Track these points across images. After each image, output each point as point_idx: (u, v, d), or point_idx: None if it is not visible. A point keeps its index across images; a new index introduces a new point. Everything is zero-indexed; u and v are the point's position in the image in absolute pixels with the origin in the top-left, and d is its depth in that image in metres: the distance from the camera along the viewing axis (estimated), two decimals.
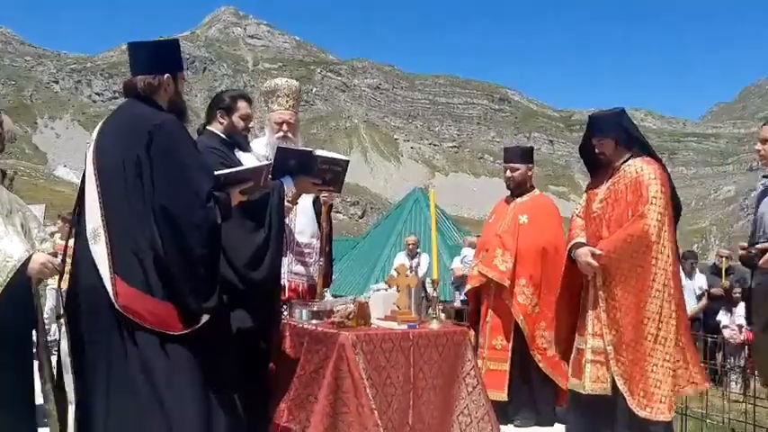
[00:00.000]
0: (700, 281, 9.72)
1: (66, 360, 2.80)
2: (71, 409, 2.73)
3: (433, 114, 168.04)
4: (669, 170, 4.26)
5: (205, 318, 2.75)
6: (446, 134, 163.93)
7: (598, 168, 4.33)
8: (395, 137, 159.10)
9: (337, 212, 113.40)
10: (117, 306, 2.64)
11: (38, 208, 4.15)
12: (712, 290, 9.15)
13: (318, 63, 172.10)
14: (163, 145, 2.71)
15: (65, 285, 2.91)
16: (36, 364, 3.01)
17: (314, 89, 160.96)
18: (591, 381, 3.99)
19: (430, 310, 11.06)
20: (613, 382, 3.92)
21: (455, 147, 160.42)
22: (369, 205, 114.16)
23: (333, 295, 11.52)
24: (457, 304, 11.14)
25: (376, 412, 3.05)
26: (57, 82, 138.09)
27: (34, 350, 3.13)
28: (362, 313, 3.45)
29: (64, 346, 2.83)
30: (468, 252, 11.01)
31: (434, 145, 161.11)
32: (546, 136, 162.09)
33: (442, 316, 11.48)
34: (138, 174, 2.70)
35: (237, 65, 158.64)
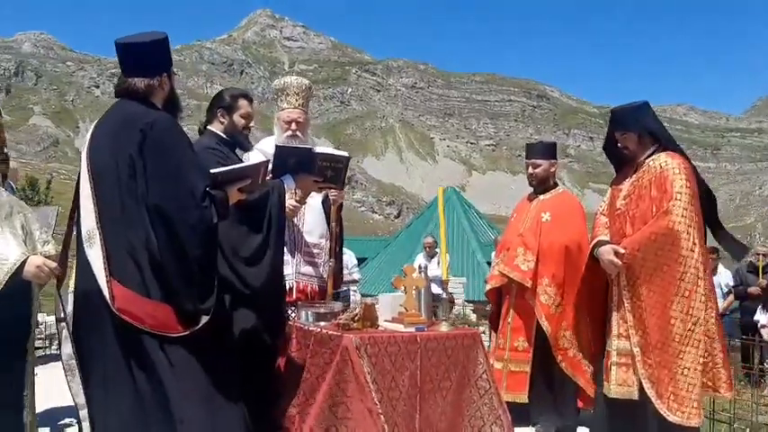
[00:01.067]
0: (725, 277, 9.40)
1: (71, 362, 2.78)
2: (82, 413, 2.71)
3: (469, 112, 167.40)
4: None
5: (205, 319, 2.70)
6: (483, 132, 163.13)
7: (623, 164, 4.19)
8: (431, 136, 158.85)
9: (373, 212, 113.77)
10: (113, 309, 2.60)
11: (50, 210, 4.14)
12: (749, 288, 8.85)
13: (354, 63, 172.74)
14: (156, 143, 2.66)
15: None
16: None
17: (349, 89, 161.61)
18: (617, 384, 3.85)
19: (453, 311, 10.93)
20: (641, 385, 3.77)
21: (492, 145, 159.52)
22: (404, 205, 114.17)
23: (362, 295, 11.39)
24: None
25: (382, 416, 2.96)
26: (97, 86, 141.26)
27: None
28: (369, 315, 3.36)
29: (67, 349, 2.81)
30: None
31: (471, 143, 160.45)
32: (586, 132, 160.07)
33: (473, 316, 11.29)
34: (132, 174, 2.65)
35: (274, 67, 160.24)
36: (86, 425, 2.71)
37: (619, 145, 4.08)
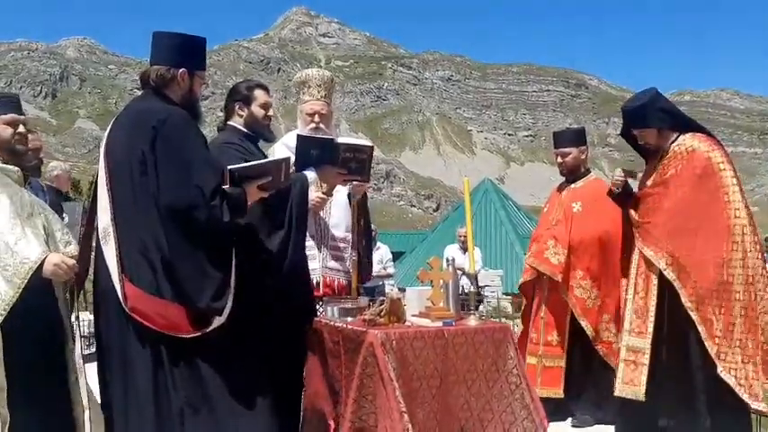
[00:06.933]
0: None
1: (79, 362, 2.77)
2: (86, 414, 2.70)
3: (506, 103, 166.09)
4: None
5: (218, 320, 2.66)
6: (521, 123, 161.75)
7: (643, 153, 4.12)
8: (468, 128, 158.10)
9: (412, 206, 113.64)
10: (126, 308, 2.59)
11: (77, 205, 4.19)
12: None
13: (389, 58, 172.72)
14: (167, 140, 2.63)
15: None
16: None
17: (386, 84, 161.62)
18: (622, 382, 3.78)
19: (481, 306, 10.71)
20: (648, 386, 3.68)
21: (530, 136, 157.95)
22: (443, 198, 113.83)
23: (400, 289, 11.30)
24: None
25: (406, 415, 2.88)
26: (139, 88, 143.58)
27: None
28: (395, 310, 3.27)
29: (77, 350, 2.80)
30: None
31: (509, 135, 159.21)
32: None
33: (510, 309, 11.14)
34: (144, 171, 2.63)
35: (310, 64, 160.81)
36: (89, 427, 2.69)
37: (639, 142, 3.98)
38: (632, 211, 3.98)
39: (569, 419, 4.55)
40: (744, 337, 3.58)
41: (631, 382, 3.73)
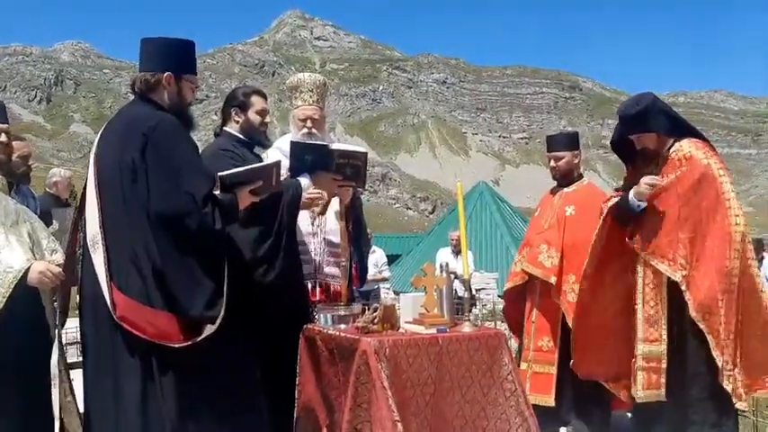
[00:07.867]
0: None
1: (55, 371, 2.73)
2: (57, 425, 2.67)
3: (501, 106, 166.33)
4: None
5: (209, 329, 2.62)
6: (515, 125, 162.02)
7: (635, 159, 4.04)
8: (463, 131, 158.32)
9: (408, 209, 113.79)
10: (115, 317, 2.55)
11: (69, 211, 4.14)
12: None
13: (384, 61, 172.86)
14: (157, 147, 2.61)
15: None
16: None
17: (380, 87, 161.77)
18: (643, 388, 3.75)
19: (474, 310, 10.70)
20: (668, 388, 3.68)
21: (525, 138, 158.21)
22: (439, 200, 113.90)
23: (396, 292, 11.17)
24: None
25: (399, 425, 2.85)
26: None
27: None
28: (389, 317, 3.24)
29: (54, 358, 2.77)
30: None
31: (504, 137, 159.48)
32: None
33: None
34: (134, 178, 2.60)
35: (305, 67, 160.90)
36: None
37: (637, 147, 3.93)
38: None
39: (562, 428, 4.51)
40: (739, 340, 3.60)
41: (651, 387, 3.75)
